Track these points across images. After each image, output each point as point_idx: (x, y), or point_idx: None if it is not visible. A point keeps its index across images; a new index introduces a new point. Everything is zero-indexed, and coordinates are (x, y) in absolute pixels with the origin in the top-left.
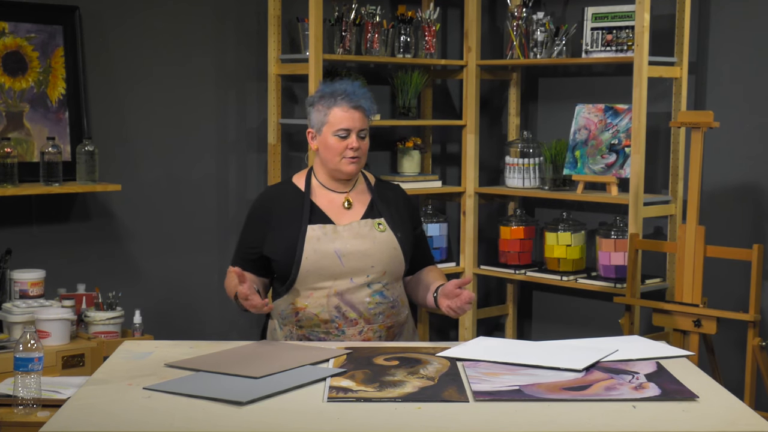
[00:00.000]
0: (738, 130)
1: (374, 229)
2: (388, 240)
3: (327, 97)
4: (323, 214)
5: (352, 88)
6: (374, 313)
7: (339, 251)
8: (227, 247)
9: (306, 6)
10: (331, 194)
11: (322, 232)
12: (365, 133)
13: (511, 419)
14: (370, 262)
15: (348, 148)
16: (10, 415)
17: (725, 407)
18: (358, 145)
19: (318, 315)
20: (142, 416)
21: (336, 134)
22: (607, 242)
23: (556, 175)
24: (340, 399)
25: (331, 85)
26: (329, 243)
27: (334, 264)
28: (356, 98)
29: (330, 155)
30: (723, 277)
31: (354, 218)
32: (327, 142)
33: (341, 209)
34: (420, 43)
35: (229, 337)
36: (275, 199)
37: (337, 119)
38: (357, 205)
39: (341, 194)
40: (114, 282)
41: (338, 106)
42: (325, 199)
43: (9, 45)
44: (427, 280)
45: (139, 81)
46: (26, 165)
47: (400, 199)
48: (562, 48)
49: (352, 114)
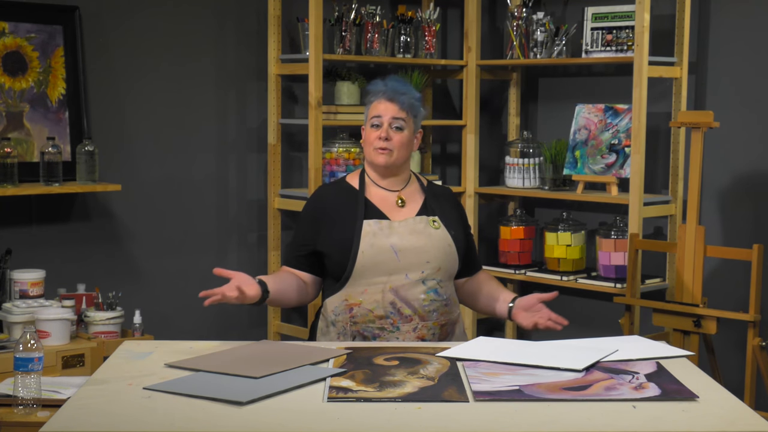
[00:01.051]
0: (738, 130)
1: (429, 225)
2: (443, 237)
3: (372, 93)
4: (378, 210)
5: (397, 84)
6: (429, 310)
7: (395, 246)
8: (227, 247)
9: (306, 6)
10: (384, 192)
11: (378, 228)
12: (401, 124)
13: (511, 419)
14: (426, 257)
15: (378, 137)
16: (10, 415)
17: (725, 407)
18: (386, 135)
19: (373, 311)
20: (142, 416)
21: (371, 125)
22: (607, 242)
23: (556, 175)
24: (340, 399)
25: (382, 82)
26: (385, 238)
27: (390, 259)
28: (395, 93)
29: (366, 147)
30: (723, 277)
31: (409, 215)
32: (366, 135)
33: (395, 206)
34: (420, 43)
35: (229, 337)
36: (329, 196)
37: (373, 110)
38: (410, 204)
39: (394, 192)
40: (114, 282)
41: (377, 99)
42: (379, 196)
43: (9, 45)
44: (488, 287)
45: (139, 81)
46: (26, 165)
47: (452, 201)
48: (562, 48)
49: (386, 105)
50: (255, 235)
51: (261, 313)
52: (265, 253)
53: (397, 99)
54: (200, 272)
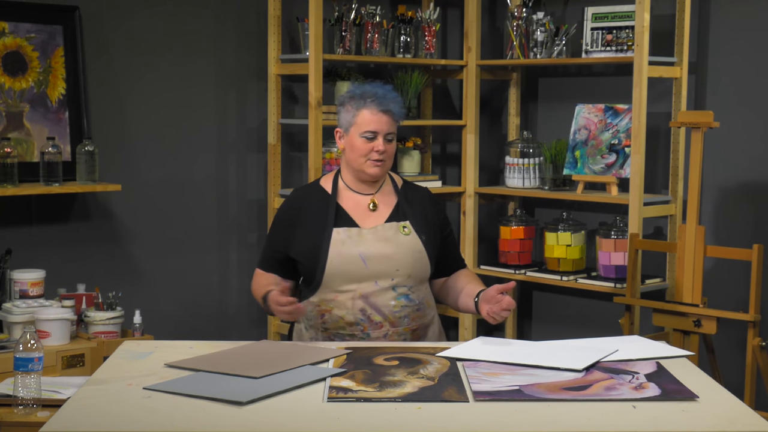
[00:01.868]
0: (738, 130)
1: (399, 232)
2: (413, 243)
3: (357, 98)
4: (348, 216)
5: (382, 91)
6: (399, 316)
7: (363, 255)
8: (227, 247)
9: (306, 6)
10: (357, 196)
11: (347, 236)
12: (392, 136)
13: (511, 419)
14: (395, 265)
15: (374, 150)
16: (10, 415)
17: (725, 407)
18: (384, 149)
19: (343, 317)
20: (142, 416)
21: (363, 136)
22: (607, 242)
23: (556, 175)
24: (340, 399)
25: (361, 86)
26: (354, 246)
27: (358, 267)
28: (386, 102)
29: (355, 156)
30: (723, 277)
31: (379, 221)
32: (353, 143)
33: (366, 211)
34: (420, 43)
35: (229, 337)
36: (302, 201)
37: (365, 121)
38: (382, 207)
39: (367, 196)
40: (114, 282)
41: (367, 108)
42: (351, 202)
43: (9, 45)
44: (461, 284)
45: (139, 81)
46: (26, 165)
47: (427, 201)
48: (562, 48)
49: (380, 117)
50: (255, 235)
51: (261, 313)
52: None
53: (390, 110)
54: (200, 272)
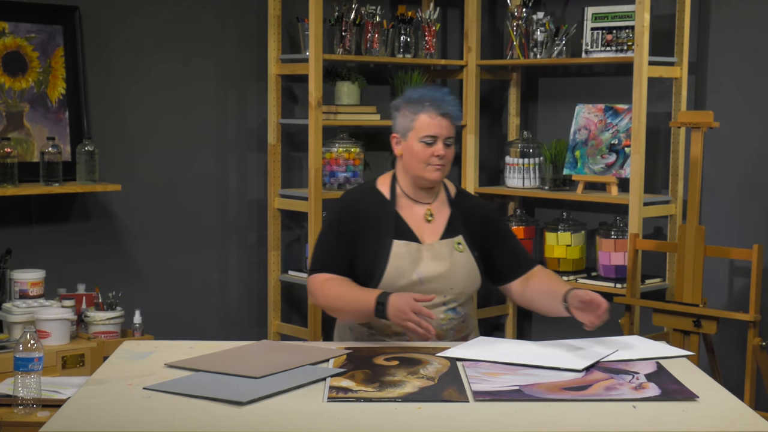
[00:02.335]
0: (738, 130)
1: (454, 249)
2: (467, 260)
3: (414, 102)
4: (408, 228)
5: (440, 94)
6: (446, 328)
7: (420, 274)
8: (227, 247)
9: (306, 6)
10: (415, 205)
11: (407, 251)
12: (451, 140)
13: (511, 419)
14: (449, 284)
15: (433, 155)
16: (10, 415)
17: (725, 407)
18: (443, 153)
19: (390, 326)
20: (142, 416)
21: (422, 141)
22: (607, 242)
23: (556, 175)
24: (340, 399)
25: (418, 90)
26: (411, 263)
27: (413, 285)
28: (444, 105)
29: (414, 162)
30: (723, 277)
31: (435, 233)
32: (412, 149)
33: (423, 222)
34: (420, 43)
35: (229, 337)
36: (362, 207)
37: (424, 125)
38: (438, 218)
39: (424, 205)
40: (114, 282)
41: (425, 112)
42: (409, 211)
43: (9, 45)
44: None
45: (139, 81)
46: (26, 165)
47: (479, 210)
48: (562, 48)
49: (439, 121)
50: (255, 235)
51: (261, 313)
52: (265, 253)
53: (449, 114)
54: (200, 272)
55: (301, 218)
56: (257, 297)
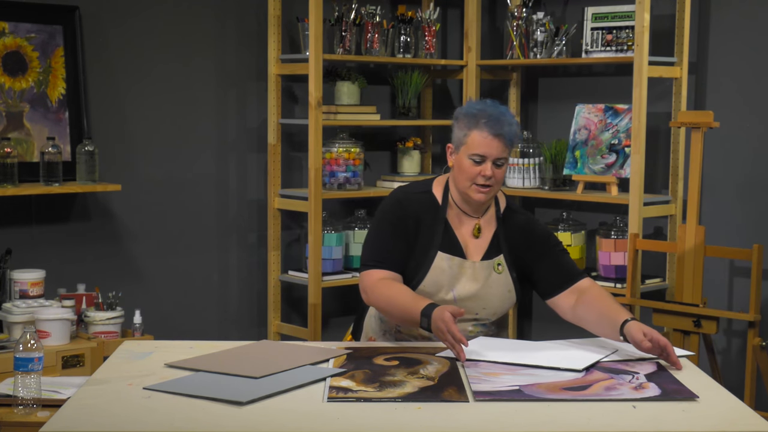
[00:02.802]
0: (738, 130)
1: (493, 271)
2: (504, 282)
3: (470, 116)
4: (455, 240)
5: (497, 112)
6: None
7: (455, 293)
8: (227, 247)
9: (306, 6)
10: (464, 217)
11: (448, 266)
12: (503, 161)
13: (511, 419)
14: (483, 304)
15: (480, 174)
16: (10, 415)
17: (725, 407)
18: (491, 174)
19: (419, 330)
20: (142, 416)
21: (471, 158)
22: (607, 242)
23: (556, 175)
24: (340, 399)
25: (478, 103)
26: (450, 280)
27: (447, 299)
28: (499, 125)
29: (461, 178)
30: (723, 277)
31: (479, 251)
32: (461, 164)
33: (471, 237)
34: (420, 43)
35: (229, 337)
36: (415, 210)
37: (475, 143)
38: (485, 233)
39: (473, 219)
40: (114, 282)
41: (479, 129)
42: (458, 222)
43: (9, 45)
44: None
45: (139, 81)
46: (26, 165)
47: (525, 226)
48: (562, 48)
49: (490, 141)
50: (255, 235)
51: (261, 313)
52: (265, 253)
53: (503, 135)
54: (200, 272)
55: (301, 218)
56: (257, 297)
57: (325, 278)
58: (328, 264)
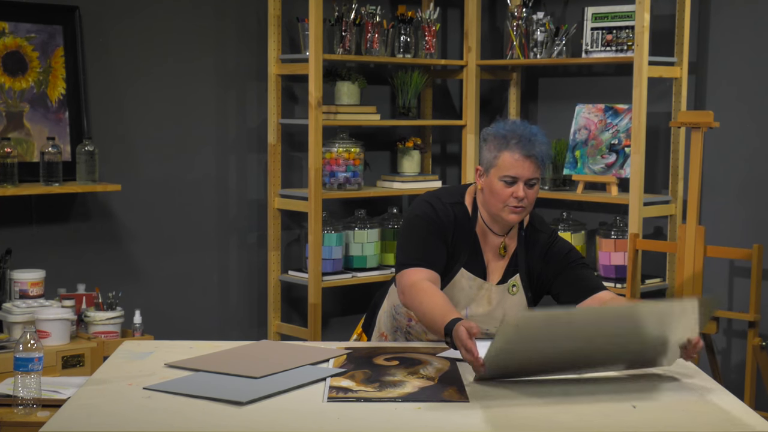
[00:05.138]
0: (738, 130)
1: (508, 293)
2: (518, 303)
3: (500, 137)
4: (480, 259)
5: (528, 133)
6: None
7: (469, 311)
8: (227, 247)
9: (306, 6)
10: (490, 234)
11: (468, 285)
12: (535, 181)
13: (512, 419)
14: (494, 323)
15: (512, 196)
16: (10, 415)
17: (725, 407)
18: (523, 195)
19: (426, 333)
20: (142, 416)
21: (502, 180)
22: (607, 242)
23: (556, 175)
24: (340, 399)
25: (508, 124)
26: (467, 299)
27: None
28: (530, 146)
29: (493, 200)
30: (723, 277)
31: (500, 271)
32: (492, 186)
33: (494, 256)
34: (420, 43)
35: (229, 337)
36: (451, 217)
37: (506, 165)
38: (508, 252)
39: (500, 237)
40: (114, 282)
41: (510, 150)
42: (484, 238)
43: (9, 45)
44: None
45: (139, 81)
46: (26, 165)
47: (545, 244)
48: (562, 48)
49: (522, 162)
50: (255, 235)
51: (261, 313)
52: (265, 253)
53: (534, 155)
54: (200, 272)
55: (301, 218)
56: (257, 297)
57: (325, 278)
58: (328, 264)
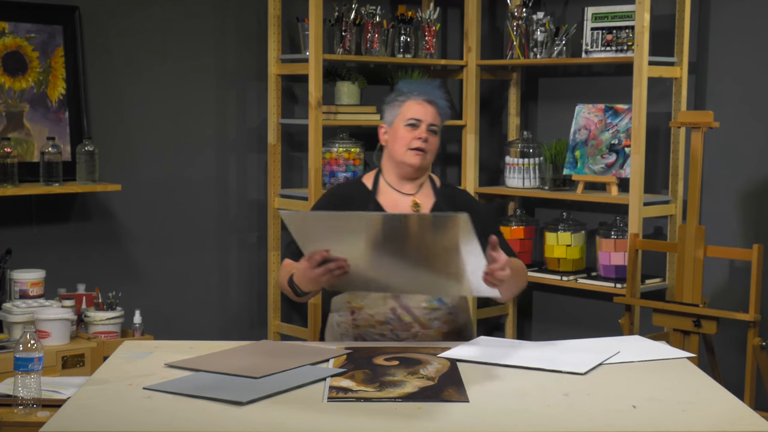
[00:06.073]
0: (738, 130)
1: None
2: None
3: (404, 93)
4: None
5: (429, 87)
6: (430, 318)
7: None
8: (227, 247)
9: (306, 6)
10: (398, 195)
11: None
12: (436, 128)
13: (511, 419)
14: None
15: (416, 138)
16: (10, 415)
17: (725, 407)
18: (426, 137)
19: (373, 316)
20: (142, 416)
21: (407, 124)
22: (607, 242)
23: (556, 175)
24: (340, 399)
25: (409, 83)
26: None
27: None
28: (431, 94)
29: (398, 146)
30: (723, 277)
31: None
32: (397, 133)
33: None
34: (420, 43)
35: (229, 337)
36: (343, 197)
37: (410, 110)
38: (424, 207)
39: (408, 196)
40: (114, 282)
41: (413, 98)
42: (392, 201)
43: (9, 45)
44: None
45: (139, 81)
46: (26, 165)
47: (464, 199)
48: (562, 48)
49: (425, 107)
50: (255, 235)
51: (261, 313)
52: (264, 253)
53: (435, 103)
54: (200, 272)
55: None
56: (257, 297)
57: None
58: None
